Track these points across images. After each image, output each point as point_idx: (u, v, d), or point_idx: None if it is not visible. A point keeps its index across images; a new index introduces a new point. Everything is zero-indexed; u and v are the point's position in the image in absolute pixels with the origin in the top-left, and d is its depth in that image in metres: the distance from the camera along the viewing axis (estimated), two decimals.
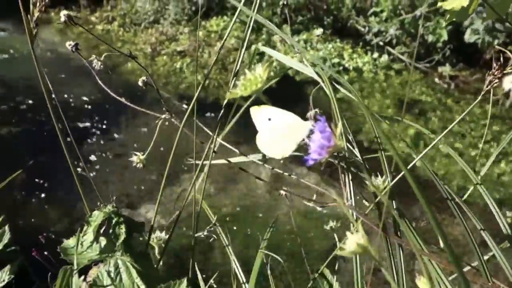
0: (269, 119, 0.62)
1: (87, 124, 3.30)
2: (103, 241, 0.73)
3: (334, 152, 0.49)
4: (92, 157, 2.92)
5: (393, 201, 0.83)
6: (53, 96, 0.75)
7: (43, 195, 2.55)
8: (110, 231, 0.72)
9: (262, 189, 2.64)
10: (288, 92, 3.45)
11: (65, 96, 3.63)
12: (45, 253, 0.92)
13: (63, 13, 0.68)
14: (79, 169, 0.86)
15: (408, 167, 0.77)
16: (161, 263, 0.81)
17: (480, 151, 1.98)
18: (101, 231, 0.73)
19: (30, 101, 3.40)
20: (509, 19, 0.85)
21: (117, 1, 5.31)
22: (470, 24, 3.58)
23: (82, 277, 0.71)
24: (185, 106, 3.50)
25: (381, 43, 4.17)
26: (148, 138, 2.81)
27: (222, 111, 0.75)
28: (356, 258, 0.73)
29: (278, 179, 2.51)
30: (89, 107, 3.51)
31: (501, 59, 0.69)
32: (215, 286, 0.87)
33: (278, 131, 0.60)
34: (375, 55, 4.12)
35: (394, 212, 0.66)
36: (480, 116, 3.42)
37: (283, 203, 2.43)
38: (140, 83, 0.82)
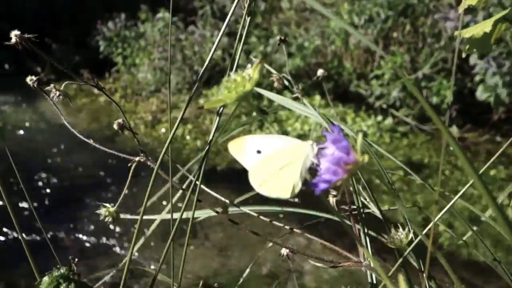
0: (259, 151, 0.47)
1: (75, 191, 3.17)
2: None
3: (354, 171, 0.32)
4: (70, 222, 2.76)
5: (421, 261, 0.68)
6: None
7: None
8: None
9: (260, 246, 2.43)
10: None
11: (54, 164, 3.53)
12: None
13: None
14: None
15: (431, 225, 0.63)
16: None
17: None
18: None
19: None
20: None
21: (119, 74, 5.37)
22: (480, 81, 3.49)
23: None
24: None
25: (384, 106, 4.11)
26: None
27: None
28: None
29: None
30: (82, 175, 3.39)
31: None
32: None
33: (276, 162, 0.45)
34: (379, 118, 4.04)
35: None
36: (492, 179, 3.27)
37: (286, 264, 2.22)
38: (115, 127, 0.71)
